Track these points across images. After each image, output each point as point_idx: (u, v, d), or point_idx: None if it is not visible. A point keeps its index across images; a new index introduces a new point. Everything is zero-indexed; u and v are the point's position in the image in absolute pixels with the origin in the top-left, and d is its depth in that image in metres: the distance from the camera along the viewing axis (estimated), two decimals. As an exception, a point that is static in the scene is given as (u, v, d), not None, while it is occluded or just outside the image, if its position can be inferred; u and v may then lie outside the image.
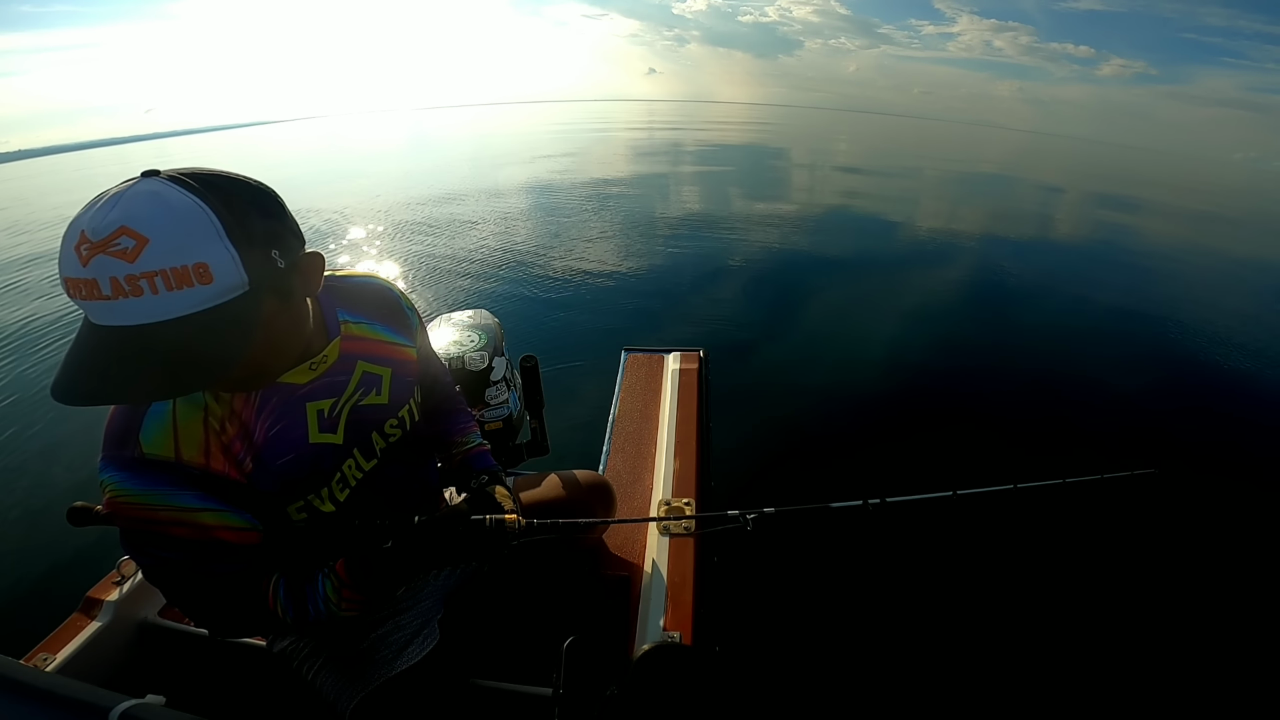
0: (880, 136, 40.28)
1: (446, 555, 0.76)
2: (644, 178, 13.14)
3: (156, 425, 0.65)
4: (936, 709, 1.66)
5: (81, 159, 38.86)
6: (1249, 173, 73.14)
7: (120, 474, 0.64)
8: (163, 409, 0.65)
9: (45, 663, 1.08)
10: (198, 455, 0.66)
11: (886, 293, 5.38)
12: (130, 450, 0.64)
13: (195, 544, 0.67)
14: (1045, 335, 4.52)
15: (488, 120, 60.21)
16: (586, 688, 0.91)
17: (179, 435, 0.66)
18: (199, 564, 0.69)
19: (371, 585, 0.74)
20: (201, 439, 0.67)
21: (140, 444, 0.64)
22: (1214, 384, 3.90)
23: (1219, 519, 2.49)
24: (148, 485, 0.64)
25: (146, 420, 0.65)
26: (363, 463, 0.82)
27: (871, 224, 8.67)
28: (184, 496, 0.65)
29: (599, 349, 3.60)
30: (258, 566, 0.73)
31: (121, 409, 0.66)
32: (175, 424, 0.66)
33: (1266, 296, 6.42)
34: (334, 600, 0.74)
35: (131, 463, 0.64)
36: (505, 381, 1.46)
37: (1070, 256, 7.50)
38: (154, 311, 0.52)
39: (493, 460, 1.06)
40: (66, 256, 0.51)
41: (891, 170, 17.47)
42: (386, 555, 0.74)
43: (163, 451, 0.64)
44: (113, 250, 0.50)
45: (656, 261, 5.96)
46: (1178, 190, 20.26)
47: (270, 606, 0.72)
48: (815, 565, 2.11)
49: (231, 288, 0.55)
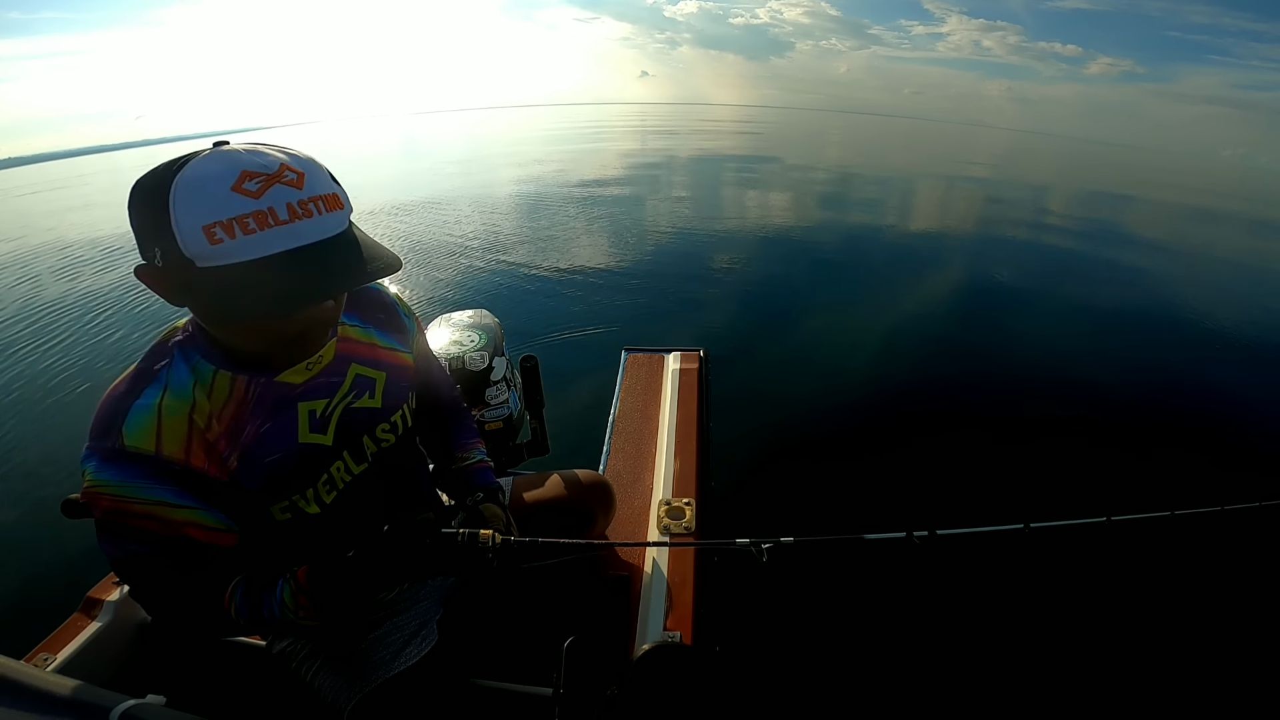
0: (872, 138, 40.18)
1: (411, 568, 0.72)
2: (643, 178, 13.14)
3: (141, 418, 0.65)
4: (938, 708, 1.66)
5: (71, 166, 38.46)
6: (1238, 169, 72.85)
7: (99, 464, 0.64)
8: (150, 403, 0.66)
9: (46, 663, 1.08)
10: (178, 451, 0.67)
11: (887, 293, 5.38)
12: (111, 441, 0.64)
13: (164, 539, 0.67)
14: (1049, 339, 4.52)
15: (482, 124, 59.78)
16: (586, 688, 0.90)
17: (162, 430, 0.66)
18: (167, 560, 0.69)
19: (330, 595, 0.71)
20: (184, 435, 0.67)
21: (122, 435, 0.64)
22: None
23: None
24: (125, 477, 0.64)
25: (131, 413, 0.65)
26: (352, 466, 0.82)
27: (870, 224, 8.66)
28: (159, 490, 0.66)
29: (599, 349, 3.60)
30: (225, 568, 0.73)
31: (109, 400, 0.67)
32: (160, 419, 0.66)
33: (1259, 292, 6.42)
34: (290, 607, 0.72)
35: (112, 454, 0.64)
36: (505, 381, 1.46)
37: (1060, 255, 7.50)
38: (328, 227, 0.62)
39: (493, 478, 1.04)
40: (221, 199, 0.55)
41: (888, 172, 17.44)
42: (347, 564, 0.71)
43: (144, 445, 0.65)
44: (286, 181, 0.59)
45: (657, 262, 5.96)
46: (1168, 188, 20.25)
47: (224, 605, 0.71)
48: (815, 562, 2.11)
49: (347, 216, 0.66)
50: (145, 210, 0.58)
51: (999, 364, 3.94)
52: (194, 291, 0.61)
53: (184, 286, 0.60)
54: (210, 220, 0.55)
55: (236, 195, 0.56)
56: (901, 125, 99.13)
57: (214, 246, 0.55)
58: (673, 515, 1.43)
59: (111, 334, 4.53)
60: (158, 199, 0.56)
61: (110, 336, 4.48)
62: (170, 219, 0.55)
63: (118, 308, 5.10)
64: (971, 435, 3.02)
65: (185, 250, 0.56)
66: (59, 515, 0.95)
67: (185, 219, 0.55)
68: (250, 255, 0.56)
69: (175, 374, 0.68)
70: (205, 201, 0.55)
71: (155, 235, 0.57)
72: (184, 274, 0.58)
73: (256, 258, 0.57)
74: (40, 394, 3.55)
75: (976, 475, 2.69)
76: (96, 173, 29.61)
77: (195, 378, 0.69)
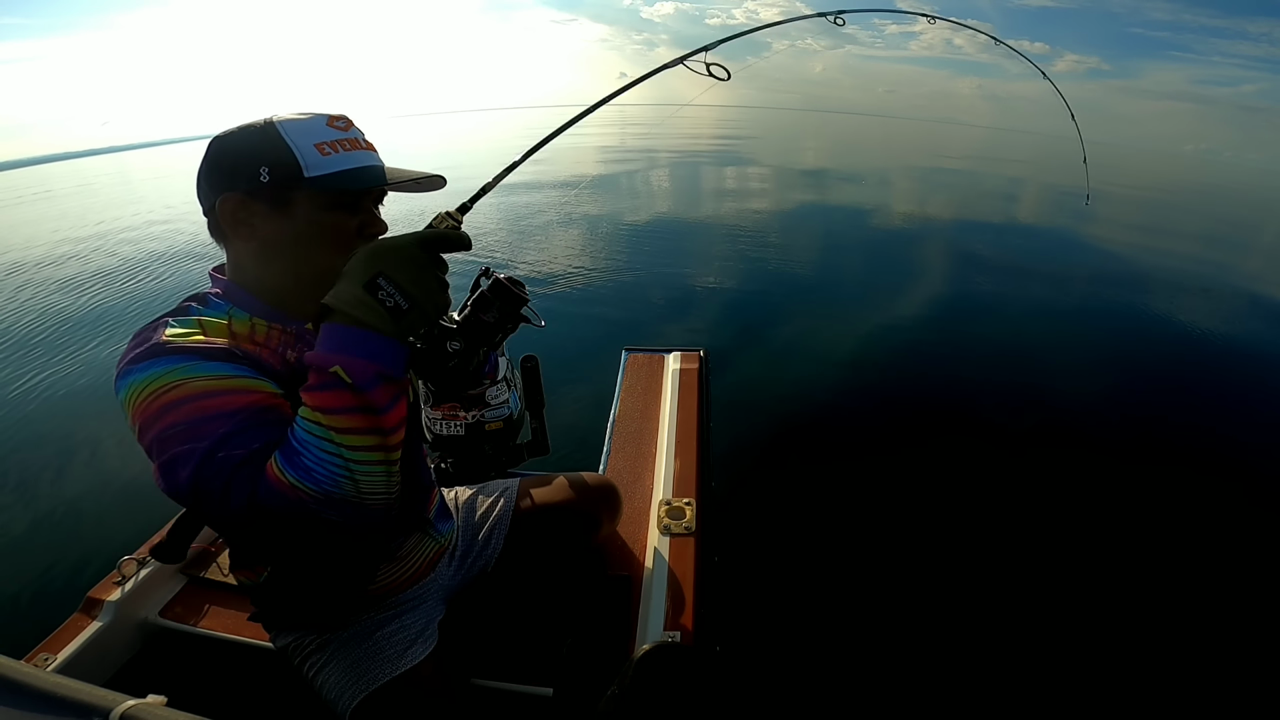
0: (850, 137, 40.11)
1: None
2: (644, 178, 13.13)
3: (181, 326, 0.71)
4: (940, 707, 1.66)
5: (35, 174, 37.33)
6: (1199, 164, 72.71)
7: (142, 365, 0.66)
8: (188, 319, 0.72)
9: (46, 663, 1.08)
10: (224, 343, 0.71)
11: (888, 293, 5.38)
12: (155, 339, 0.68)
13: (234, 414, 0.63)
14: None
15: (463, 128, 59.38)
16: (586, 688, 0.91)
17: (205, 331, 0.72)
18: (245, 436, 0.63)
19: (336, 349, 0.62)
20: (227, 338, 0.73)
21: (165, 337, 0.68)
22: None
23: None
24: (173, 363, 0.65)
25: (170, 324, 0.71)
26: None
27: (874, 229, 8.66)
28: (212, 366, 0.67)
29: (599, 349, 3.60)
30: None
31: (141, 331, 0.71)
32: (202, 326, 0.72)
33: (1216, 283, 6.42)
34: (310, 419, 0.61)
35: (155, 350, 0.67)
36: (506, 381, 1.46)
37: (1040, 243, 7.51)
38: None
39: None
40: (321, 129, 0.75)
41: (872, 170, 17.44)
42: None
43: (189, 339, 0.69)
44: (357, 126, 0.79)
45: (659, 262, 5.96)
46: (1132, 184, 20.28)
47: (285, 487, 0.61)
48: (815, 562, 2.11)
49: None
50: (252, 142, 0.72)
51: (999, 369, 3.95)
52: (290, 204, 0.73)
53: (281, 200, 0.73)
54: (320, 140, 0.74)
55: (332, 129, 0.75)
56: (877, 124, 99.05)
57: (324, 158, 0.73)
58: (673, 515, 1.43)
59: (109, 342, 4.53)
60: (266, 132, 0.73)
61: (108, 343, 4.49)
62: (287, 142, 0.72)
63: (116, 307, 5.11)
64: (972, 434, 3.02)
65: (302, 160, 0.72)
66: (59, 515, 0.95)
67: (301, 140, 0.72)
68: (347, 166, 0.74)
69: (208, 310, 0.76)
70: (312, 131, 0.74)
71: (265, 158, 0.71)
72: (289, 184, 0.72)
73: (350, 168, 0.75)
74: (39, 393, 3.55)
75: (976, 474, 2.69)
76: (63, 178, 28.67)
77: (230, 316, 0.75)
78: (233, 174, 0.73)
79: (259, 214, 0.73)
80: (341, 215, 0.76)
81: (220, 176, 0.74)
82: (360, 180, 0.75)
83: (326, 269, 0.72)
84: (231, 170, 0.73)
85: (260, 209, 0.73)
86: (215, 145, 0.75)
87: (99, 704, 0.44)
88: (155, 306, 4.96)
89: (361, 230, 0.78)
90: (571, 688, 0.98)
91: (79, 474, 2.68)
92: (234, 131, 0.74)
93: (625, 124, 36.70)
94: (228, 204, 0.73)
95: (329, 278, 0.71)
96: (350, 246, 0.73)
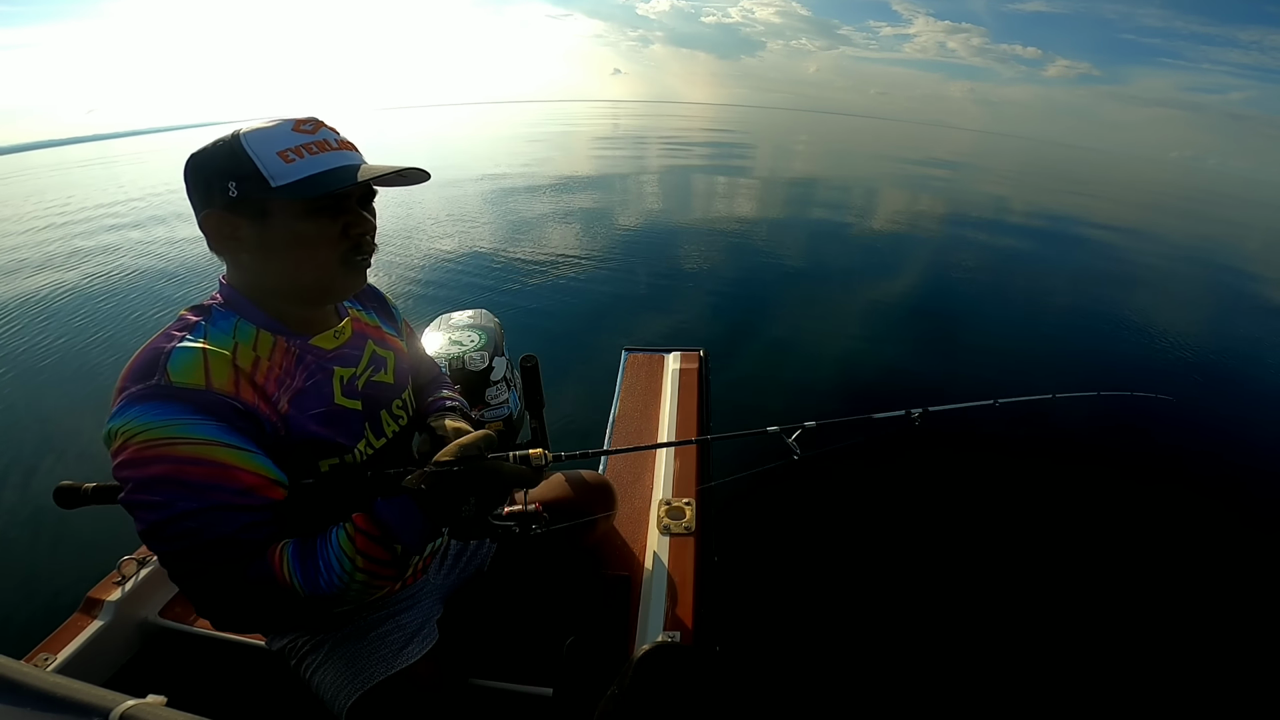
0: (843, 139, 40.11)
1: (480, 486, 0.73)
2: (644, 178, 13.13)
3: (187, 356, 0.68)
4: (941, 707, 1.66)
5: (20, 161, 37.07)
6: (1184, 171, 72.94)
7: (140, 407, 0.64)
8: (193, 344, 0.70)
9: (46, 663, 1.08)
10: (228, 385, 0.69)
11: (890, 291, 5.38)
12: (158, 378, 0.66)
13: (213, 489, 0.65)
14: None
15: (454, 121, 58.91)
16: (586, 688, 0.91)
17: (209, 366, 0.69)
18: (216, 517, 0.65)
19: (403, 525, 0.70)
20: (231, 374, 0.70)
21: (168, 372, 0.66)
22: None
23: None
24: (169, 415, 0.64)
25: (175, 353, 0.68)
26: (373, 440, 0.86)
27: (869, 231, 8.66)
28: (209, 428, 0.66)
29: (599, 349, 3.60)
30: (277, 529, 0.70)
31: (145, 351, 0.69)
32: (206, 358, 0.69)
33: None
34: (348, 554, 0.68)
35: (156, 391, 0.65)
36: (505, 381, 1.46)
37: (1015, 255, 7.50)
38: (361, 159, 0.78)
39: (445, 402, 1.03)
40: (285, 136, 0.72)
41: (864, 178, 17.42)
42: (418, 492, 0.71)
43: (192, 379, 0.67)
44: (327, 126, 0.76)
45: (659, 262, 5.95)
46: (1119, 189, 20.22)
47: (280, 578, 0.67)
48: (814, 562, 2.11)
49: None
50: (218, 159, 0.71)
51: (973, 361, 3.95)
52: (267, 214, 0.71)
53: (257, 212, 0.71)
54: (283, 148, 0.71)
55: (296, 134, 0.72)
56: (869, 125, 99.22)
57: (288, 165, 0.70)
58: (673, 515, 1.43)
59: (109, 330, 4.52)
60: (231, 146, 0.71)
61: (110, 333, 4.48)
62: (248, 154, 0.70)
63: (118, 309, 5.10)
64: (971, 434, 3.02)
65: (265, 171, 0.69)
66: (59, 515, 0.95)
67: (262, 150, 0.70)
68: (314, 170, 0.71)
69: (214, 327, 0.74)
70: (275, 139, 0.71)
71: (230, 173, 0.70)
72: (259, 198, 0.70)
73: (317, 172, 0.71)
74: (38, 393, 3.55)
75: (976, 474, 2.69)
76: (49, 165, 28.29)
77: (236, 333, 0.75)
78: (208, 191, 0.72)
79: (241, 227, 0.73)
80: (322, 220, 0.74)
81: (198, 194, 0.73)
82: (329, 183, 0.72)
83: (318, 274, 0.76)
84: (206, 187, 0.72)
85: (241, 222, 0.72)
86: (189, 163, 0.74)
87: (99, 704, 0.44)
88: (152, 301, 4.97)
89: (346, 230, 0.76)
90: (571, 688, 0.98)
91: (79, 474, 2.68)
92: (206, 148, 0.73)
93: (619, 118, 36.48)
94: (210, 221, 0.73)
95: (322, 282, 0.73)
96: (337, 249, 0.75)
